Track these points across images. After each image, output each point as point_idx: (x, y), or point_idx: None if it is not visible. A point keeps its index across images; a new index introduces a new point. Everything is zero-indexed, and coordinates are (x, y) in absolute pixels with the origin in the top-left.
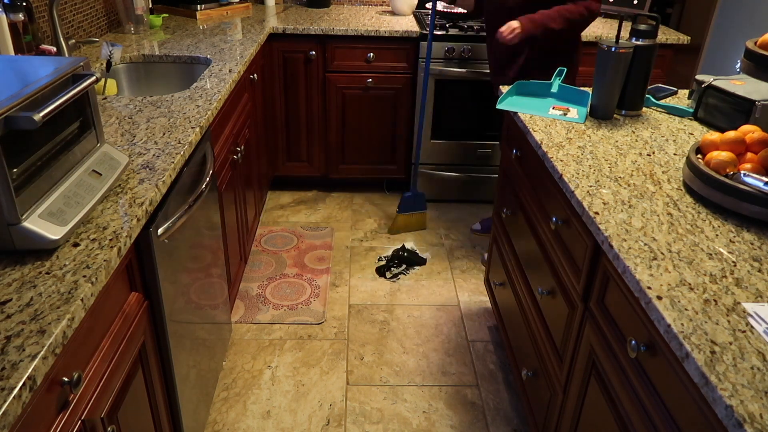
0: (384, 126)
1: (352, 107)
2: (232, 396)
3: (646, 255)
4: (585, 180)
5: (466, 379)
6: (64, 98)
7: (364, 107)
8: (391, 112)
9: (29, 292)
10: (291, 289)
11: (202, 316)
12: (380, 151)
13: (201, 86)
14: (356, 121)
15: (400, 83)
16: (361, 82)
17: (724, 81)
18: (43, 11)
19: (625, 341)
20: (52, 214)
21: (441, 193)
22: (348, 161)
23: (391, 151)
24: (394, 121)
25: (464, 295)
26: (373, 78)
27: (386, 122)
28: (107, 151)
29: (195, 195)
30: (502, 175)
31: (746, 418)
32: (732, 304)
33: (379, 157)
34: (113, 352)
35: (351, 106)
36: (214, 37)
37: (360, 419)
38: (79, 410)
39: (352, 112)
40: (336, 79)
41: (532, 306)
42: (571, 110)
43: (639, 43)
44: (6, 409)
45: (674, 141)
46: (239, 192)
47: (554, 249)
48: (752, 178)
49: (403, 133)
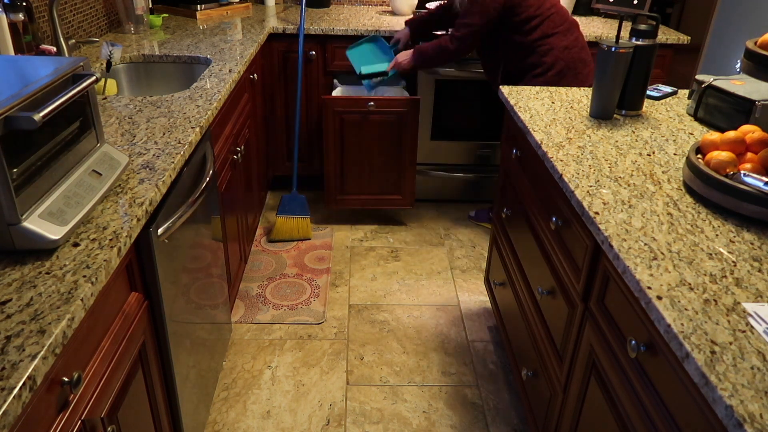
0: (384, 125)
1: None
2: (232, 396)
3: (646, 255)
4: (585, 180)
5: (466, 379)
6: (64, 98)
7: (365, 120)
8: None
9: (29, 292)
10: (291, 289)
11: (202, 316)
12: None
13: (201, 86)
14: (356, 140)
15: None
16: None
17: (724, 81)
18: (43, 11)
19: (625, 341)
20: (52, 214)
21: (441, 193)
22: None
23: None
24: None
25: (464, 295)
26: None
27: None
28: (107, 151)
29: (195, 195)
30: (502, 175)
31: (746, 418)
32: (732, 304)
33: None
34: (113, 352)
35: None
36: (214, 37)
37: (360, 419)
38: (79, 410)
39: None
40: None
41: (532, 306)
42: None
43: (639, 43)
44: (6, 409)
45: (674, 141)
46: (239, 192)
47: (554, 249)
48: (752, 178)
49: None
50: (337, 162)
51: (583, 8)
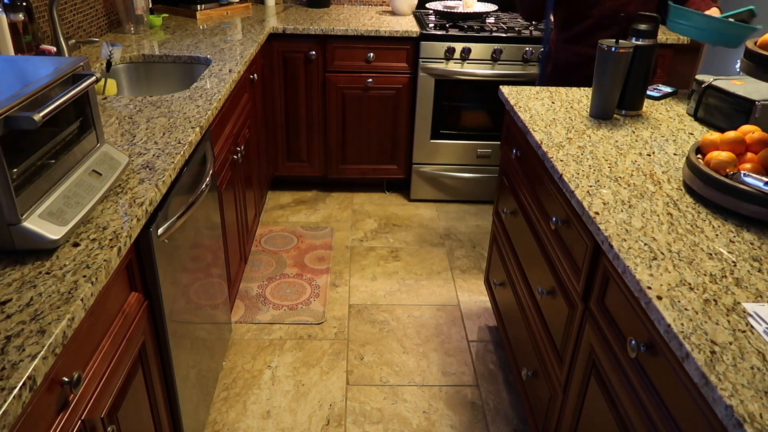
0: (384, 126)
1: (352, 107)
2: (232, 396)
3: (646, 255)
4: (585, 180)
5: (466, 379)
6: (64, 98)
7: (364, 107)
8: (391, 112)
9: (29, 292)
10: (291, 289)
11: (202, 316)
12: (380, 151)
13: (201, 86)
14: (356, 120)
15: (400, 83)
16: (361, 82)
17: (724, 81)
18: (43, 11)
19: (625, 341)
20: (52, 214)
21: (441, 193)
22: (348, 161)
23: (390, 150)
24: (394, 121)
25: (464, 295)
26: (373, 78)
27: (386, 122)
28: (107, 151)
29: (195, 195)
30: (502, 175)
31: (746, 418)
32: (732, 304)
33: (379, 157)
34: (113, 352)
35: (351, 106)
36: (214, 37)
37: (360, 419)
38: (79, 410)
39: (352, 112)
40: (336, 79)
41: (532, 306)
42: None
43: (639, 43)
44: (6, 409)
45: (674, 141)
46: (239, 192)
47: (554, 249)
48: (752, 178)
49: (403, 133)
50: (338, 134)
51: None
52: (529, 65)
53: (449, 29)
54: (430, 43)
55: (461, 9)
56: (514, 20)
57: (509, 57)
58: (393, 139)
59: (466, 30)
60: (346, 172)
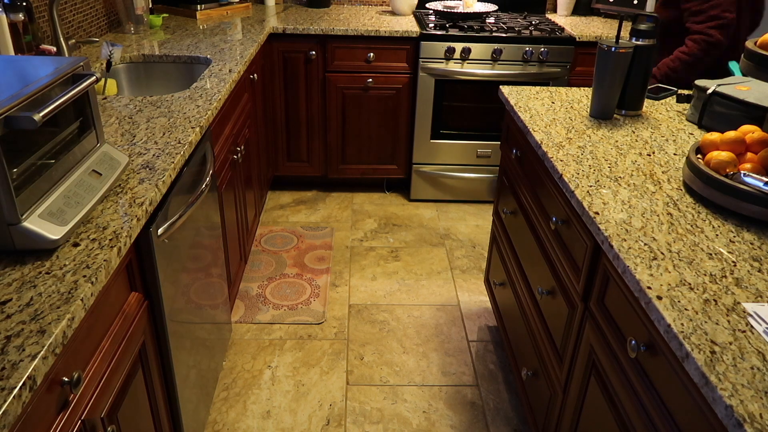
0: (384, 126)
1: (352, 107)
2: (232, 396)
3: (646, 255)
4: (585, 180)
5: (466, 379)
6: (64, 98)
7: (364, 107)
8: (391, 112)
9: (29, 292)
10: (291, 289)
11: (202, 316)
12: (380, 151)
13: (201, 86)
14: (356, 120)
15: (400, 83)
16: (361, 82)
17: (729, 87)
18: (43, 11)
19: (625, 341)
20: (52, 214)
21: (441, 193)
22: (348, 161)
23: (390, 150)
24: (394, 121)
25: (464, 295)
26: (373, 78)
27: (386, 122)
28: (107, 151)
29: (195, 195)
30: (502, 175)
31: (746, 418)
32: (732, 304)
33: (379, 157)
34: (113, 352)
35: (351, 105)
36: (214, 37)
37: (360, 419)
38: (79, 410)
39: (352, 112)
40: (336, 79)
41: (532, 306)
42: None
43: (639, 43)
44: (6, 408)
45: (674, 141)
46: (239, 192)
47: (554, 249)
48: (752, 178)
49: (403, 133)
50: (338, 134)
51: (583, 8)
52: (529, 65)
53: (449, 29)
54: (430, 43)
55: (461, 9)
56: (514, 20)
57: (509, 57)
58: (393, 139)
59: (466, 30)
60: (346, 172)
